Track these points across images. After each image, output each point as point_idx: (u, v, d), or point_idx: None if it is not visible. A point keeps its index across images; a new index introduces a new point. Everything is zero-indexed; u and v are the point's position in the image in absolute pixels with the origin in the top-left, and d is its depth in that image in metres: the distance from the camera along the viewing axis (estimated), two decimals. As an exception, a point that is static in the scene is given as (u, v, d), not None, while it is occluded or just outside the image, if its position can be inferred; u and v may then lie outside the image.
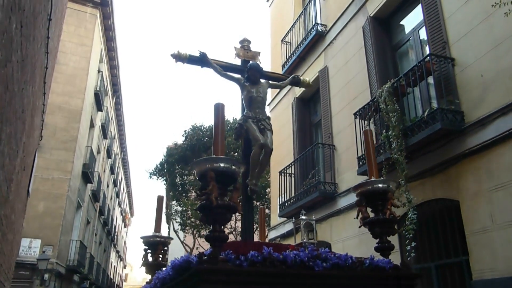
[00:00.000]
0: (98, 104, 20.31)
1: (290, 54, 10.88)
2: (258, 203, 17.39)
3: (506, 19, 4.74)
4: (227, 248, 2.30)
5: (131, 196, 46.72)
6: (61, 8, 7.71)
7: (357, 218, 2.68)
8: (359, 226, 2.68)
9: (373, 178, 2.72)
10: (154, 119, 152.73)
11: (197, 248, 20.67)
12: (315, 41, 9.79)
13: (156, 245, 3.72)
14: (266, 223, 7.00)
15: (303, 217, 3.48)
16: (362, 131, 6.98)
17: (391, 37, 7.90)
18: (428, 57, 5.92)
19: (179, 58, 3.79)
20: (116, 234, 35.14)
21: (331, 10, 9.55)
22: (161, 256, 3.74)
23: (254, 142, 3.55)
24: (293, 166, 9.69)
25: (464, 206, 5.37)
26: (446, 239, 5.81)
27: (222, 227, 2.24)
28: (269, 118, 3.77)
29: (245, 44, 4.10)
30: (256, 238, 4.44)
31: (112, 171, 28.96)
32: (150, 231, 3.83)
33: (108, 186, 27.79)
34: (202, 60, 3.83)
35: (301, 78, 4.35)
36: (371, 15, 7.91)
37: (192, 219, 20.77)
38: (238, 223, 17.82)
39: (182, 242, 21.60)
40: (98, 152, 22.48)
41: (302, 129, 10.38)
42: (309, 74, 9.76)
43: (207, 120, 34.92)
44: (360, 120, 7.17)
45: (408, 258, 5.41)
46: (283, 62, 11.05)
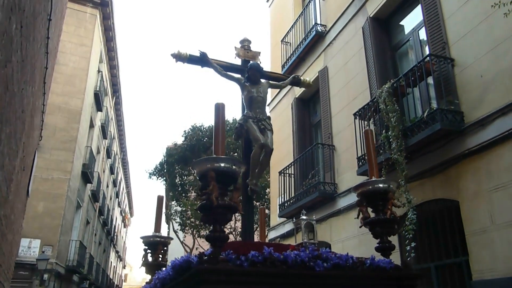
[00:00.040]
0: (98, 104, 20.30)
1: (290, 55, 10.88)
2: (257, 204, 17.37)
3: (506, 20, 4.74)
4: (228, 248, 2.29)
5: (131, 196, 46.70)
6: (61, 8, 7.70)
7: (357, 218, 2.67)
8: (360, 226, 2.67)
9: (373, 178, 2.71)
10: (153, 119, 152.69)
11: (196, 248, 20.66)
12: (315, 41, 9.80)
13: (156, 245, 3.70)
14: (266, 224, 6.99)
15: (304, 217, 3.47)
16: (362, 131, 6.99)
17: (391, 37, 7.91)
18: (427, 57, 5.93)
19: (180, 58, 3.79)
20: (115, 234, 35.11)
21: (331, 10, 9.55)
22: (161, 256, 3.73)
23: (255, 142, 3.55)
24: (292, 167, 9.68)
25: (463, 206, 5.37)
26: (446, 240, 5.80)
27: (222, 227, 2.23)
28: (269, 118, 3.77)
29: (245, 44, 4.09)
30: (256, 238, 4.44)
31: (111, 171, 28.95)
32: (149, 232, 3.82)
33: (107, 186, 27.77)
34: (202, 60, 3.83)
35: (301, 78, 4.36)
36: (371, 16, 7.91)
37: (191, 220, 20.78)
38: (238, 224, 17.81)
39: (182, 242, 21.59)
40: (98, 152, 22.46)
41: (301, 129, 10.38)
42: (308, 75, 9.75)
43: (207, 120, 34.99)
44: (359, 120, 7.17)
45: (407, 259, 5.40)
46: (283, 63, 11.05)
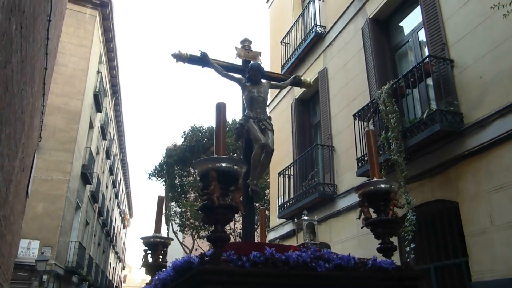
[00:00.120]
0: (97, 105, 20.29)
1: (289, 55, 10.88)
2: (257, 204, 17.37)
3: (505, 21, 4.75)
4: (229, 248, 2.29)
5: (130, 197, 46.63)
6: (60, 9, 7.70)
7: (359, 218, 2.66)
8: (362, 227, 2.67)
9: (375, 178, 2.70)
10: (153, 120, 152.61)
11: (196, 249, 20.63)
12: (314, 42, 9.80)
13: (156, 245, 3.70)
14: (266, 225, 6.98)
15: (306, 217, 3.47)
16: (362, 132, 6.99)
17: (390, 38, 7.91)
18: (427, 58, 5.93)
19: (180, 58, 3.78)
20: (115, 235, 35.05)
21: (330, 11, 9.55)
22: (161, 257, 3.73)
23: (255, 142, 3.55)
24: (292, 167, 9.68)
25: (463, 207, 5.37)
26: (445, 241, 5.80)
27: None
28: (270, 118, 3.77)
29: (246, 44, 4.09)
30: (256, 239, 4.44)
31: (111, 172, 28.91)
32: (149, 232, 3.82)
33: (107, 187, 27.73)
34: (203, 60, 3.82)
35: (302, 78, 4.35)
36: (370, 17, 7.92)
37: (191, 221, 20.76)
38: (237, 224, 17.79)
39: (181, 244, 21.56)
40: (97, 153, 22.44)
41: (301, 130, 10.38)
42: (308, 75, 9.75)
43: (206, 121, 34.97)
44: (359, 121, 7.17)
45: (407, 260, 5.40)
46: (282, 63, 11.04)
